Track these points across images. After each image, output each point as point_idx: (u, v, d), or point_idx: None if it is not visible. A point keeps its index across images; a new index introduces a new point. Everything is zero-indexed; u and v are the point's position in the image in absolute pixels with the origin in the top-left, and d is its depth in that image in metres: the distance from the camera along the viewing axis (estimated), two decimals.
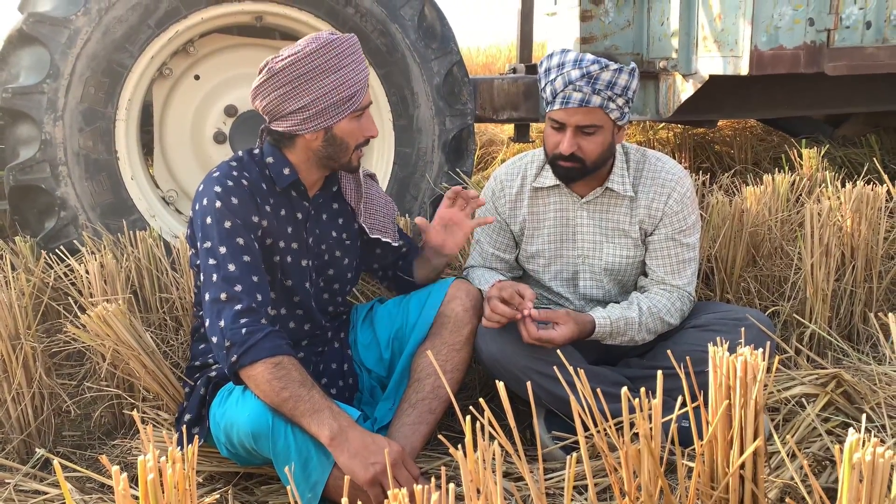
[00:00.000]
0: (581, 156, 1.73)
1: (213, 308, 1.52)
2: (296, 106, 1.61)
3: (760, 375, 1.02)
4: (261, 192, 1.66)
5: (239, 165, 1.67)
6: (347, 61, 1.62)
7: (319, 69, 1.59)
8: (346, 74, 1.62)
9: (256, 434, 1.47)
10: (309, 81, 1.59)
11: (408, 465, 1.47)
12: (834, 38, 2.83)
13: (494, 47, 9.19)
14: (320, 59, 1.59)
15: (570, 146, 1.72)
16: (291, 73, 1.59)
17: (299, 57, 1.59)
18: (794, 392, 1.68)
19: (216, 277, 1.54)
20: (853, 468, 0.81)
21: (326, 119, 1.63)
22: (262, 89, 1.62)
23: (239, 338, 1.47)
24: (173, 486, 0.87)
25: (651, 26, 3.35)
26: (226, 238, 1.56)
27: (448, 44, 2.82)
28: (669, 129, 4.82)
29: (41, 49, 2.42)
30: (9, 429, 1.90)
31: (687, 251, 1.84)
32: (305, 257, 1.74)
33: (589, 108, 1.69)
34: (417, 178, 2.84)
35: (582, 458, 0.89)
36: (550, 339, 1.64)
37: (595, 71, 1.67)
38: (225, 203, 1.58)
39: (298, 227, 1.72)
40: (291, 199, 1.72)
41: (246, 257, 1.57)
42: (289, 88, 1.60)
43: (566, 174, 1.79)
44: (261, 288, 1.56)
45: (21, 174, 2.44)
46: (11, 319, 1.87)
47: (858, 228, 2.18)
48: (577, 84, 1.67)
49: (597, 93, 1.67)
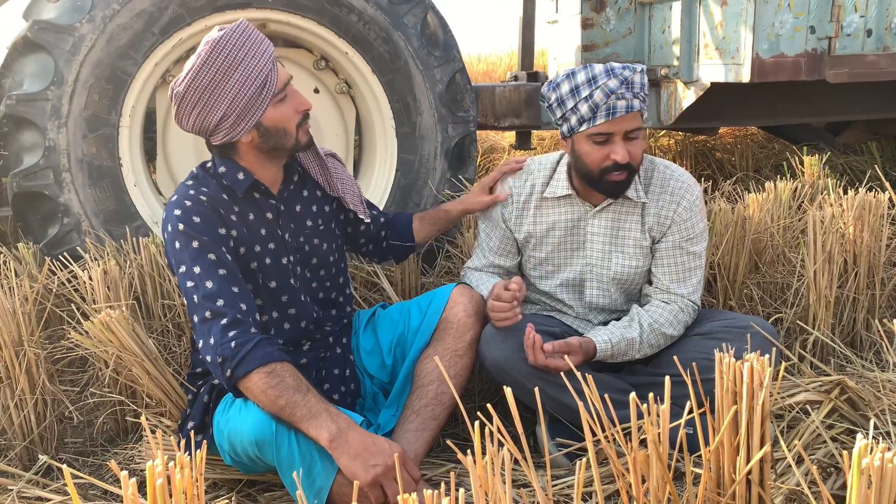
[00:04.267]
0: (632, 163, 1.73)
1: (201, 328, 1.53)
2: (217, 117, 1.59)
3: (767, 381, 1.02)
4: (223, 203, 1.65)
5: (195, 183, 1.67)
6: (244, 52, 1.58)
7: (220, 73, 1.56)
8: (249, 65, 1.58)
9: (260, 442, 1.47)
10: (216, 90, 1.57)
11: (408, 467, 1.46)
12: (835, 45, 2.84)
13: (494, 55, 9.21)
14: (216, 63, 1.56)
15: (625, 154, 1.70)
16: (196, 89, 1.57)
17: (196, 71, 1.57)
18: (798, 399, 1.67)
19: (197, 298, 1.54)
20: (862, 474, 0.81)
21: (251, 116, 1.61)
22: (179, 115, 1.62)
23: (229, 351, 1.48)
24: (181, 491, 0.87)
25: (652, 34, 3.36)
26: (197, 258, 1.56)
27: (451, 51, 2.83)
28: (670, 137, 4.83)
29: (45, 56, 2.43)
30: (11, 435, 1.89)
31: (693, 259, 1.84)
32: (285, 255, 1.73)
33: (634, 113, 1.70)
34: (420, 185, 2.85)
35: (587, 464, 0.89)
36: (558, 368, 1.64)
37: (629, 76, 1.68)
38: (187, 224, 1.58)
39: (271, 226, 1.72)
40: (256, 201, 1.71)
41: (221, 271, 1.56)
42: (202, 105, 1.58)
43: (616, 187, 1.76)
44: (243, 298, 1.56)
45: (24, 181, 2.44)
46: (15, 326, 1.87)
47: (861, 235, 2.18)
48: (618, 92, 1.67)
49: (636, 96, 1.69)
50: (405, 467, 1.45)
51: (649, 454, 0.94)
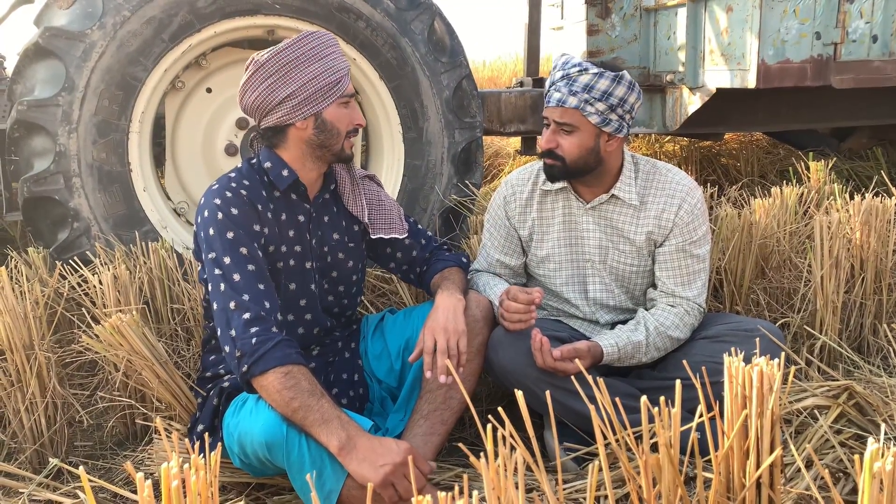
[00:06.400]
0: (561, 154, 1.79)
1: (222, 317, 1.54)
2: (284, 94, 1.64)
3: (777, 385, 1.03)
4: (260, 199, 1.68)
5: (238, 176, 1.69)
6: (329, 50, 1.68)
7: (303, 57, 1.64)
8: (329, 61, 1.67)
9: (270, 444, 1.48)
10: (294, 69, 1.64)
11: (418, 463, 1.47)
12: (840, 51, 2.85)
13: (499, 61, 9.23)
14: (303, 48, 1.65)
15: (547, 141, 1.80)
16: (276, 63, 1.64)
17: (283, 48, 1.65)
18: (806, 404, 1.67)
19: (223, 287, 1.55)
20: (874, 477, 0.81)
21: (315, 104, 1.67)
22: (249, 83, 1.67)
23: (249, 347, 1.49)
24: (196, 493, 0.88)
25: (658, 40, 3.37)
26: (229, 248, 1.58)
27: (457, 57, 2.85)
28: (676, 142, 4.83)
29: (57, 62, 2.45)
30: (22, 438, 1.90)
31: (697, 262, 1.85)
32: (309, 260, 1.75)
33: (565, 109, 1.76)
34: (427, 190, 2.86)
35: (598, 467, 0.89)
36: (566, 371, 1.66)
37: (574, 73, 1.75)
38: (226, 214, 1.60)
39: (301, 229, 1.74)
40: (292, 202, 1.74)
41: (251, 266, 1.58)
42: (276, 78, 1.64)
43: (549, 171, 1.85)
44: (268, 296, 1.57)
45: (35, 185, 2.46)
46: (25, 330, 1.88)
47: (868, 240, 2.19)
48: (557, 84, 1.77)
49: (573, 94, 1.74)
50: (416, 463, 1.46)
51: (661, 457, 0.94)
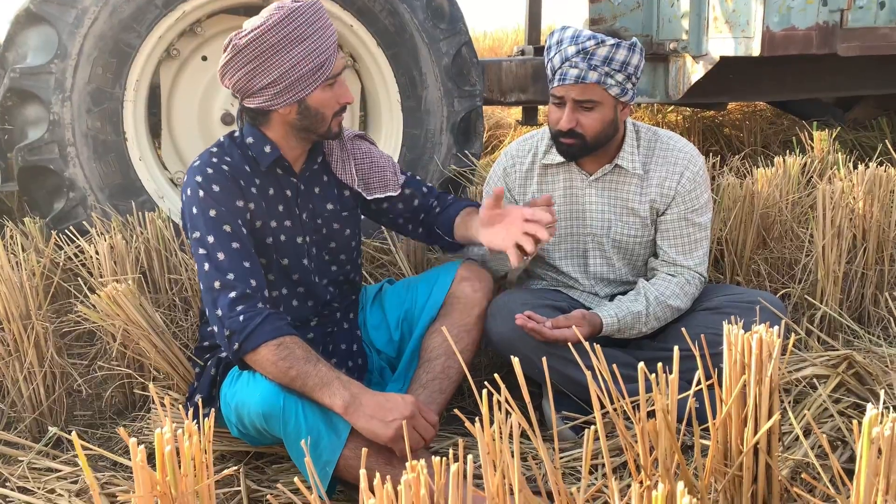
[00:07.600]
0: (581, 132, 1.73)
1: (209, 297, 1.53)
2: (265, 81, 1.57)
3: (776, 352, 1.02)
4: (244, 174, 1.64)
5: (219, 151, 1.65)
6: (313, 29, 1.57)
7: (285, 41, 1.54)
8: (314, 43, 1.57)
9: (267, 414, 1.48)
10: (276, 55, 1.55)
11: (425, 414, 1.47)
12: (847, 18, 2.80)
13: (500, 31, 9.12)
14: (285, 29, 1.54)
15: (568, 122, 1.72)
16: (257, 48, 1.54)
17: (263, 30, 1.54)
18: (805, 373, 1.67)
19: (208, 266, 1.54)
20: (872, 443, 0.80)
21: (298, 91, 1.59)
22: (228, 67, 1.58)
23: (238, 325, 1.48)
24: (190, 458, 0.87)
25: (661, 7, 3.31)
26: (212, 227, 1.56)
27: (457, 24, 2.80)
28: (678, 112, 4.79)
29: (49, 29, 2.41)
30: (21, 407, 1.91)
31: (699, 230, 1.83)
32: (300, 234, 1.73)
33: (586, 85, 1.68)
34: (426, 159, 2.83)
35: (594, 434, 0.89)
36: (564, 338, 1.64)
37: (591, 47, 1.66)
38: (207, 192, 1.57)
39: (289, 204, 1.71)
40: (278, 177, 1.70)
41: (235, 244, 1.56)
42: (256, 64, 1.56)
43: (567, 150, 1.79)
44: (254, 273, 1.56)
45: (30, 155, 2.44)
46: (22, 300, 1.88)
47: (870, 210, 2.17)
48: (573, 60, 1.67)
49: (593, 69, 1.67)
50: (423, 415, 1.46)
51: (658, 423, 0.94)
